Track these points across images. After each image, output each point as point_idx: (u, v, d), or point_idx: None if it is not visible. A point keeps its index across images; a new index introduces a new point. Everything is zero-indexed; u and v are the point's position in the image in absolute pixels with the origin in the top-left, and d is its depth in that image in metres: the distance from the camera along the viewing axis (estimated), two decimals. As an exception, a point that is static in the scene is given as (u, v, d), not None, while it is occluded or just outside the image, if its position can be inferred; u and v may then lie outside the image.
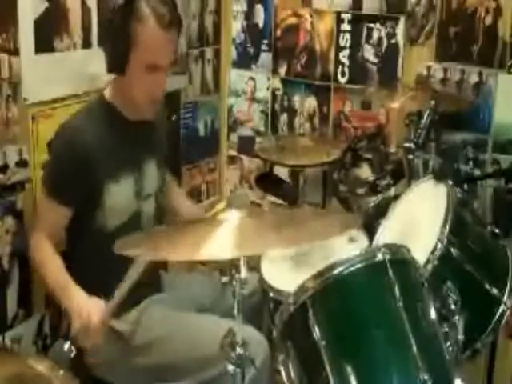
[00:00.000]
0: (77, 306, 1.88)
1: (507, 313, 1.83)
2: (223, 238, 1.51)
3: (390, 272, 1.57)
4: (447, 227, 1.79)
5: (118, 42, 1.93)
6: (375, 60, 2.83)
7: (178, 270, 2.46)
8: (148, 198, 2.14)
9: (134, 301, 2.08)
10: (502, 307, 1.83)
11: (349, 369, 1.50)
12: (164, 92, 2.07)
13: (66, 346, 1.91)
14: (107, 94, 2.08)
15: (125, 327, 2.04)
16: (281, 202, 2.95)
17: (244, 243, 1.49)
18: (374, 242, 2.06)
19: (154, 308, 2.11)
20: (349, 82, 2.91)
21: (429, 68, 2.68)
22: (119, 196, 2.04)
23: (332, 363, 1.51)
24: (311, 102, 3.03)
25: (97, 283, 1.91)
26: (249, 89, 3.21)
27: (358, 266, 1.58)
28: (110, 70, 2.02)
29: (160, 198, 2.20)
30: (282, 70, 3.09)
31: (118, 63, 1.97)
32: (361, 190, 2.52)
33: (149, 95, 2.02)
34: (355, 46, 2.86)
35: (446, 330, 1.70)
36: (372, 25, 2.80)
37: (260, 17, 3.12)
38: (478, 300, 1.85)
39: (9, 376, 1.45)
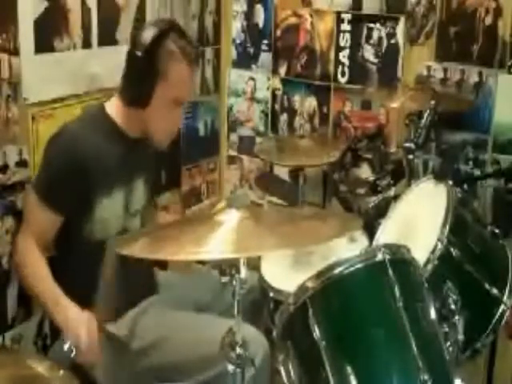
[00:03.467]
0: (67, 323, 1.89)
1: (507, 313, 1.83)
2: (223, 239, 1.51)
3: (390, 272, 1.57)
4: (447, 227, 1.79)
5: (146, 76, 1.95)
6: (375, 60, 2.83)
7: (177, 270, 2.46)
8: (135, 214, 2.14)
9: (130, 303, 2.08)
10: (501, 307, 1.83)
11: (349, 369, 1.50)
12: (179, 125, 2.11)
13: (66, 346, 1.91)
14: (109, 108, 2.07)
15: (122, 331, 2.03)
16: (281, 202, 2.96)
17: (243, 244, 1.49)
18: (374, 242, 2.06)
19: (152, 309, 2.11)
20: (349, 82, 2.91)
21: (429, 68, 2.68)
22: (109, 210, 2.03)
23: (332, 363, 1.51)
24: (311, 102, 3.03)
25: (80, 292, 1.92)
26: (249, 89, 3.21)
27: (358, 265, 1.57)
28: (131, 103, 2.02)
29: (145, 216, 2.20)
30: (282, 70, 3.09)
31: (142, 97, 1.98)
32: (361, 190, 2.52)
33: (168, 130, 2.09)
34: (355, 46, 2.86)
35: (446, 330, 1.70)
36: (372, 25, 2.80)
37: (260, 17, 3.12)
38: (478, 300, 1.85)
39: (8, 376, 1.45)
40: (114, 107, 2.06)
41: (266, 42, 3.11)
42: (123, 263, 1.86)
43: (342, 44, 2.89)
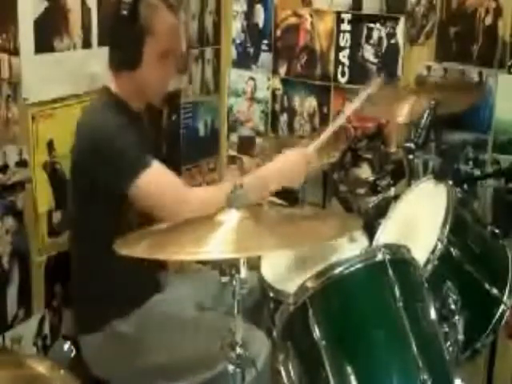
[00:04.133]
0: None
1: (507, 313, 1.83)
2: (223, 239, 1.51)
3: (390, 272, 1.57)
4: (447, 227, 1.79)
5: (131, 36, 1.95)
6: (375, 60, 2.83)
7: (178, 270, 2.46)
8: None
9: (136, 301, 2.08)
10: (501, 307, 1.83)
11: (349, 369, 1.50)
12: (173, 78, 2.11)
13: (66, 346, 1.91)
14: (112, 87, 2.07)
15: (127, 329, 2.04)
16: (281, 201, 2.95)
17: (243, 244, 1.49)
18: (374, 242, 2.06)
19: (154, 308, 2.11)
20: (349, 82, 2.91)
21: (429, 68, 2.68)
22: None
23: (332, 363, 1.51)
24: (311, 102, 3.03)
25: (111, 284, 1.92)
26: (249, 89, 3.21)
27: (358, 265, 1.58)
28: (122, 67, 2.01)
29: None
30: (282, 70, 3.09)
31: (133, 58, 1.97)
32: (361, 190, 2.52)
33: (163, 83, 2.08)
34: (355, 46, 2.86)
35: (446, 330, 1.70)
36: (372, 25, 2.80)
37: (260, 17, 3.12)
38: (478, 300, 1.85)
39: (9, 376, 1.45)
40: (112, 82, 2.07)
41: (266, 41, 3.11)
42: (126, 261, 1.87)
43: (342, 44, 2.89)
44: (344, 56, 2.90)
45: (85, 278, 2.09)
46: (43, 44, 2.24)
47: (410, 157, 2.34)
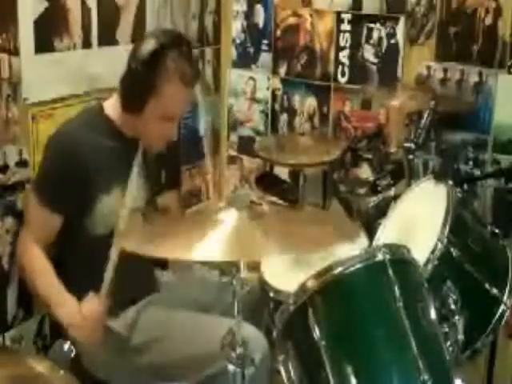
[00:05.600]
0: (68, 312, 1.93)
1: (507, 313, 1.83)
2: (221, 240, 1.51)
3: (390, 272, 1.57)
4: (447, 227, 1.79)
5: (139, 89, 1.96)
6: (375, 60, 2.83)
7: (177, 270, 2.46)
8: (136, 211, 2.14)
9: (131, 300, 2.08)
10: (501, 307, 1.83)
11: (349, 369, 1.50)
12: (172, 137, 2.16)
13: (66, 346, 1.92)
14: (107, 108, 2.08)
15: (122, 328, 2.04)
16: (281, 201, 2.95)
17: (241, 247, 1.48)
18: (374, 242, 2.06)
19: (152, 307, 2.11)
20: (349, 82, 2.91)
21: (429, 68, 2.68)
22: (109, 206, 2.04)
23: (332, 363, 1.51)
24: (311, 102, 3.03)
25: (84, 285, 1.93)
26: (249, 89, 3.21)
27: (358, 265, 1.58)
28: (125, 108, 2.03)
29: (147, 215, 2.20)
30: (282, 70, 3.09)
31: (135, 106, 2.00)
32: (361, 190, 2.52)
33: (158, 139, 2.08)
34: (355, 46, 2.86)
35: (446, 329, 1.70)
36: (372, 25, 2.80)
37: (260, 17, 3.12)
38: (478, 300, 1.85)
39: (9, 376, 1.45)
40: (112, 107, 2.07)
41: (266, 42, 3.11)
42: (123, 259, 1.88)
43: (342, 44, 2.89)
44: (344, 56, 2.90)
45: (68, 280, 2.08)
46: (43, 44, 2.24)
47: (410, 157, 2.34)
